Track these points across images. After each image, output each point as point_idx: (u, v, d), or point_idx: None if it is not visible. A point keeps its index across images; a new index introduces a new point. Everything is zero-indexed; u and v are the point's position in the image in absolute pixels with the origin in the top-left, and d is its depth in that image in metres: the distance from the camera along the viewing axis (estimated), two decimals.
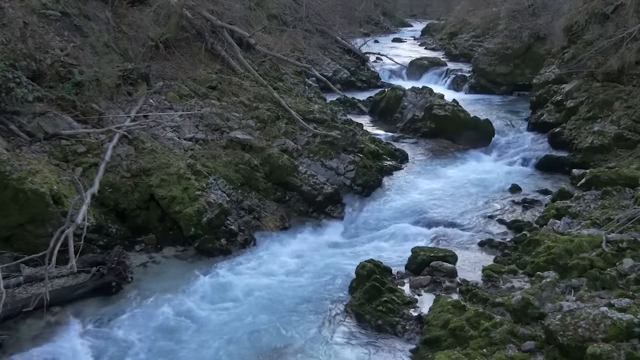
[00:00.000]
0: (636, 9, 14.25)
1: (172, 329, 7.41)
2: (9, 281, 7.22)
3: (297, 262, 9.36)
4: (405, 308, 7.68)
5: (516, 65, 22.58)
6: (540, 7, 22.46)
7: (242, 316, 7.75)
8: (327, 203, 11.12)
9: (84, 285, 7.79)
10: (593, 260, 7.74)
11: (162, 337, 7.23)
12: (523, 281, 8.08)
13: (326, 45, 24.39)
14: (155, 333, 7.29)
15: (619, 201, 10.14)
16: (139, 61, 12.19)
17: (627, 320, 5.87)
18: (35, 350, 6.75)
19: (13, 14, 9.63)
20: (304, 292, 8.41)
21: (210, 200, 9.61)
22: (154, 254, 9.21)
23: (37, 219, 8.05)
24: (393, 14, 53.62)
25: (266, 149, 11.37)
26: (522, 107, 19.25)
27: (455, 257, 9.02)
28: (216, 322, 7.60)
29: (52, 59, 9.87)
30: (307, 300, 8.16)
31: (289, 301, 8.14)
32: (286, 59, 16.03)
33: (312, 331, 7.46)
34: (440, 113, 16.03)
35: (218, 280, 8.60)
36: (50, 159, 8.98)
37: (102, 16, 12.14)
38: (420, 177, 13.38)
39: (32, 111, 9.21)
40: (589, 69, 14.99)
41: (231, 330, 7.43)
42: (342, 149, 12.25)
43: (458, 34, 33.52)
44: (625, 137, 13.00)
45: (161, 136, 10.79)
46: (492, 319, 6.65)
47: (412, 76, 25.65)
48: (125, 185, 9.38)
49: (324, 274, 8.94)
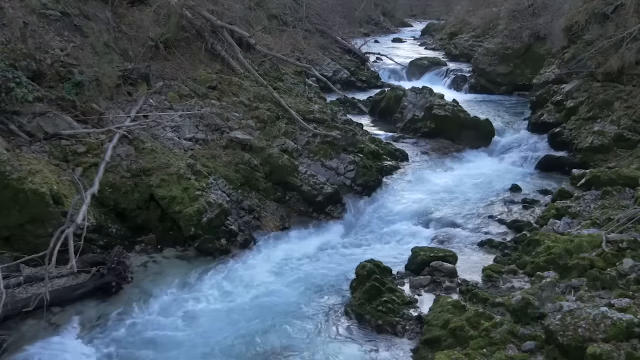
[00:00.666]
0: (636, 9, 14.24)
1: (172, 329, 7.41)
2: (9, 281, 7.22)
3: (297, 262, 9.36)
4: (405, 308, 7.68)
5: (516, 65, 22.59)
6: (540, 7, 22.46)
7: (242, 316, 7.74)
8: (327, 203, 11.12)
9: (84, 286, 7.78)
10: (593, 260, 7.74)
11: (162, 337, 7.22)
12: (523, 281, 8.08)
13: (326, 45, 24.40)
14: (155, 333, 7.28)
15: (619, 201, 10.15)
16: (139, 61, 12.19)
17: (627, 320, 5.87)
18: (35, 350, 6.75)
19: (13, 14, 9.64)
20: (304, 292, 8.41)
21: (210, 200, 9.61)
22: (154, 254, 9.20)
23: (37, 219, 8.05)
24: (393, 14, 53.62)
25: (266, 149, 11.37)
26: (522, 107, 19.26)
27: (455, 257, 9.02)
28: (216, 322, 7.59)
29: (52, 59, 9.87)
30: (307, 300, 8.16)
31: (289, 301, 8.14)
32: (286, 59, 16.02)
33: (312, 331, 7.46)
34: (440, 113, 16.03)
35: (218, 280, 8.60)
36: (50, 159, 8.98)
37: (102, 16, 12.14)
38: (420, 177, 13.37)
39: (32, 111, 9.20)
40: (589, 69, 14.99)
41: (231, 330, 7.43)
42: (342, 149, 12.25)
43: (458, 34, 33.54)
44: (625, 137, 13.01)
45: (161, 136, 10.79)
46: (492, 319, 6.65)
47: (412, 76, 25.66)
48: (125, 185, 9.38)
49: (324, 274, 8.95)
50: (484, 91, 22.78)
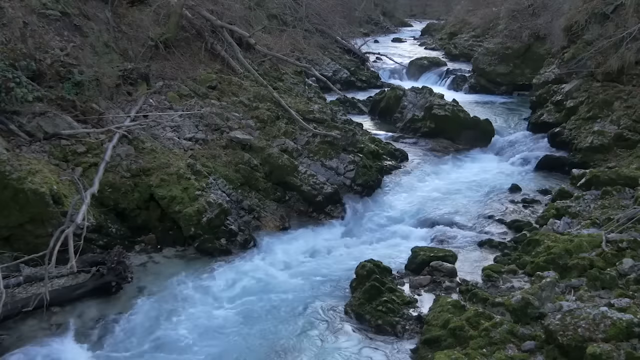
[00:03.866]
0: (636, 9, 14.25)
1: (171, 329, 7.40)
2: (9, 281, 7.22)
3: (297, 262, 9.36)
4: (405, 308, 7.69)
5: (516, 65, 22.60)
6: (540, 7, 22.47)
7: (241, 316, 7.74)
8: (327, 203, 11.12)
9: (83, 285, 7.78)
10: (593, 260, 7.74)
11: (161, 337, 7.22)
12: (523, 281, 8.09)
13: (326, 45, 24.41)
14: (155, 333, 7.28)
15: (619, 201, 10.14)
16: (138, 61, 12.19)
17: (626, 320, 5.87)
18: (35, 350, 6.74)
19: (13, 14, 9.63)
20: (304, 292, 8.41)
21: (210, 200, 9.61)
22: (153, 254, 9.20)
23: (37, 218, 8.05)
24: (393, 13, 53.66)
25: (266, 148, 11.37)
26: (522, 107, 19.26)
27: (455, 257, 9.03)
28: (216, 322, 7.59)
29: (52, 58, 9.86)
30: (307, 300, 8.16)
31: (288, 301, 8.14)
32: (286, 58, 16.02)
33: (312, 331, 7.46)
34: (440, 113, 16.04)
35: (218, 280, 8.60)
36: (50, 159, 8.98)
37: (102, 16, 12.14)
38: (420, 177, 13.38)
39: (32, 111, 9.20)
40: (589, 69, 14.99)
41: (231, 330, 7.43)
42: (342, 149, 12.24)
43: (458, 33, 33.56)
44: (625, 137, 13.01)
45: (161, 136, 10.79)
46: (492, 318, 6.65)
47: (412, 76, 25.69)
48: (125, 185, 9.38)
49: (323, 274, 8.95)
50: (483, 91, 22.79)
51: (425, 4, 61.98)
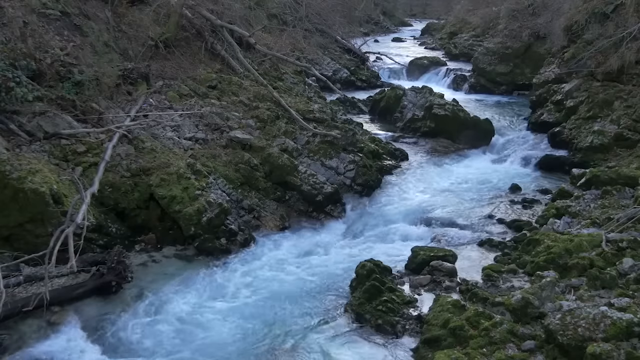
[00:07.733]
0: (636, 9, 14.25)
1: (171, 328, 7.41)
2: (9, 281, 7.22)
3: (297, 262, 9.36)
4: (405, 307, 7.69)
5: (516, 64, 22.57)
6: (540, 7, 22.45)
7: (241, 315, 7.74)
8: (327, 202, 11.12)
9: (83, 285, 7.77)
10: (593, 260, 7.74)
11: (161, 337, 7.22)
12: (523, 281, 8.08)
13: (326, 44, 24.39)
14: (155, 332, 7.29)
15: (619, 201, 10.14)
16: (138, 61, 12.19)
17: (627, 320, 5.88)
18: (35, 350, 6.75)
19: (13, 14, 9.62)
20: (304, 291, 8.41)
21: (210, 199, 9.61)
22: (153, 253, 9.20)
23: (37, 218, 8.05)
24: (393, 13, 53.62)
25: (266, 148, 11.37)
26: (522, 107, 19.25)
27: (455, 256, 9.03)
28: (216, 322, 7.59)
29: (52, 58, 9.86)
30: (306, 300, 8.17)
31: (288, 301, 8.13)
32: (286, 58, 16.03)
33: (312, 330, 7.46)
34: (440, 112, 16.03)
35: (218, 280, 8.61)
36: (50, 159, 8.98)
37: (102, 15, 12.15)
38: (420, 177, 13.38)
39: (32, 111, 9.20)
40: (589, 69, 14.99)
41: (231, 329, 7.44)
42: (342, 149, 12.24)
43: (458, 33, 33.51)
44: (625, 136, 13.00)
45: (161, 136, 10.79)
46: (492, 318, 6.65)
47: (412, 76, 25.64)
48: (125, 184, 9.38)
49: (323, 274, 8.94)
50: (483, 91, 22.76)
51: (425, 4, 61.91)
